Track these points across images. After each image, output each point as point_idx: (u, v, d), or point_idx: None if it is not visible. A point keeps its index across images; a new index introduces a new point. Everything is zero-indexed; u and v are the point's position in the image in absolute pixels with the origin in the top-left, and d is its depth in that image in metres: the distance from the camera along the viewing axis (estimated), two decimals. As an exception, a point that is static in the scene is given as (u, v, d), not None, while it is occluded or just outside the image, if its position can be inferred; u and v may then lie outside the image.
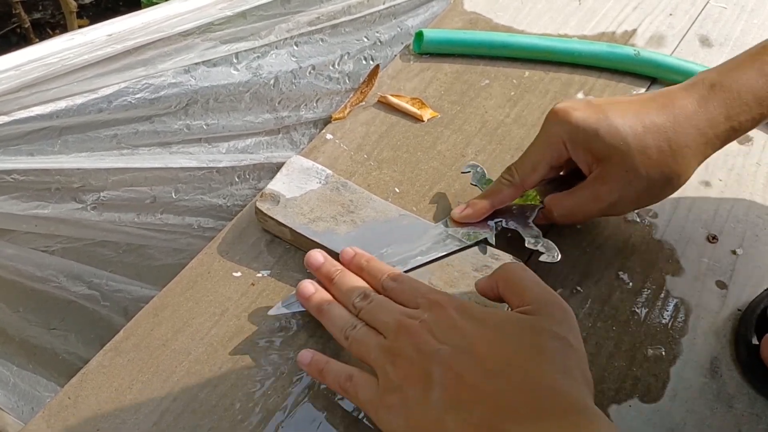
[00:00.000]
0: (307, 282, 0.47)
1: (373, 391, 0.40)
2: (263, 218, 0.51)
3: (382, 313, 0.43)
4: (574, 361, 0.37)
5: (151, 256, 0.63)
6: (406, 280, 0.45)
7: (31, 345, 0.59)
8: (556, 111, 0.48)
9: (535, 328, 0.38)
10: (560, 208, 0.50)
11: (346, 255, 0.48)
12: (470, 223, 0.51)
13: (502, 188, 0.50)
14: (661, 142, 0.46)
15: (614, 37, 0.69)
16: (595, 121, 0.46)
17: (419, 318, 0.41)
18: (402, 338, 0.40)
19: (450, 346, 0.38)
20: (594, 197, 0.48)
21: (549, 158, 0.49)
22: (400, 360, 0.39)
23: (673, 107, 0.46)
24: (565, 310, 0.40)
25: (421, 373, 0.38)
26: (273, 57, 0.61)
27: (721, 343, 0.48)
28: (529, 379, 0.36)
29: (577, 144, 0.47)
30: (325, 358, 0.44)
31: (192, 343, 0.47)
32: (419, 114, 0.61)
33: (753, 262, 0.52)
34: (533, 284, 0.41)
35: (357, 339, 0.42)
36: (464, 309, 0.41)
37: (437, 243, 0.50)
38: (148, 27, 0.52)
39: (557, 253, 0.48)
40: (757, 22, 0.71)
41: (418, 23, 0.70)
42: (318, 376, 0.43)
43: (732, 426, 0.45)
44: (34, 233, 0.53)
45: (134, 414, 0.44)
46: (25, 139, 0.49)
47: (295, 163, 0.54)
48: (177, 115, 0.57)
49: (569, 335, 0.38)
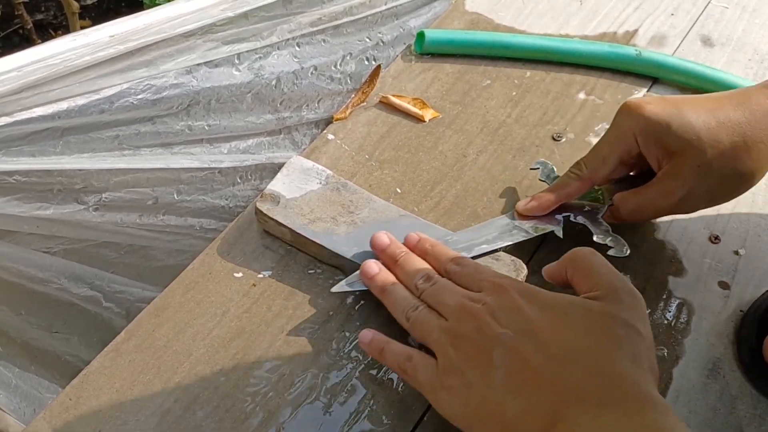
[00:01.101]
0: (372, 262, 0.46)
1: (433, 373, 0.40)
2: (263, 219, 0.51)
3: (444, 295, 0.42)
4: (642, 349, 0.37)
5: (153, 258, 0.63)
6: (470, 264, 0.45)
7: (33, 347, 0.60)
8: (628, 105, 0.48)
9: (603, 314, 0.37)
10: (629, 205, 0.49)
11: (411, 239, 0.48)
12: (536, 216, 0.51)
13: (570, 181, 0.50)
14: (735, 138, 0.45)
15: (616, 37, 0.69)
16: (668, 115, 0.46)
17: (482, 301, 0.40)
18: (464, 320, 0.40)
19: (513, 330, 0.38)
20: (664, 192, 0.47)
21: (619, 152, 0.48)
22: (461, 342, 0.39)
23: (749, 104, 0.46)
24: (635, 297, 0.39)
25: (483, 355, 0.38)
26: (275, 58, 0.61)
27: (724, 344, 0.48)
28: (596, 365, 0.36)
29: (649, 138, 0.47)
30: (386, 338, 0.43)
31: (193, 344, 0.47)
32: (421, 114, 0.61)
33: (755, 263, 0.52)
34: (604, 269, 0.40)
35: (419, 320, 0.42)
36: (529, 293, 0.40)
37: (504, 233, 0.50)
38: (150, 28, 0.52)
39: (626, 248, 0.48)
40: (758, 21, 0.71)
41: (420, 24, 0.70)
42: (378, 355, 0.43)
43: (734, 427, 0.44)
44: (36, 234, 0.53)
45: (135, 415, 0.44)
46: (27, 140, 0.49)
47: (295, 164, 0.54)
48: (179, 115, 0.57)
49: (638, 323, 0.37)
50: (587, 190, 0.50)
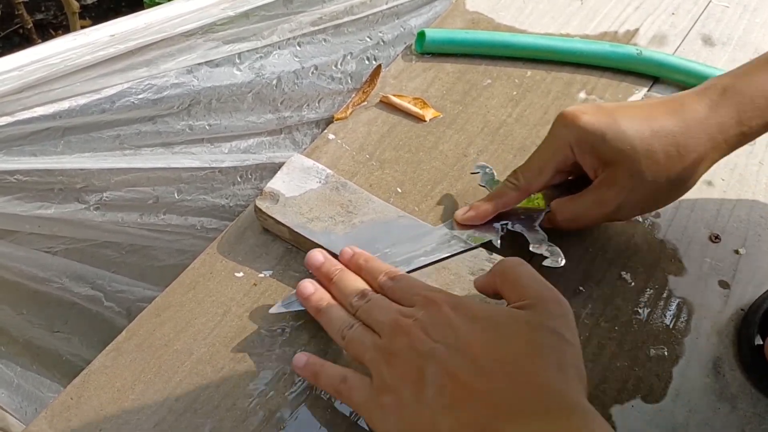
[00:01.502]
0: (307, 281, 0.47)
1: (367, 393, 0.40)
2: (262, 216, 0.51)
3: (377, 313, 0.42)
4: (569, 357, 0.37)
5: (154, 257, 0.63)
6: (404, 279, 0.45)
7: (34, 346, 0.60)
8: (564, 115, 0.48)
9: (530, 324, 0.38)
10: (565, 213, 0.49)
11: (345, 254, 0.48)
12: (475, 225, 0.51)
13: (507, 191, 0.50)
14: (668, 147, 0.45)
15: (616, 36, 0.69)
16: (603, 125, 0.46)
17: (414, 317, 0.40)
18: (397, 337, 0.40)
19: (444, 345, 0.38)
20: (599, 201, 0.48)
21: (555, 162, 0.48)
22: (394, 359, 0.39)
23: (684, 112, 0.46)
24: (561, 305, 0.39)
25: (415, 372, 0.38)
26: (276, 57, 0.61)
27: (724, 343, 0.48)
28: (522, 376, 0.36)
29: (584, 148, 0.47)
30: (321, 360, 0.43)
31: (194, 343, 0.47)
32: (421, 114, 0.61)
33: (756, 262, 0.52)
34: (530, 279, 0.41)
35: (353, 338, 0.42)
36: (459, 306, 0.40)
37: (442, 244, 0.50)
38: (150, 27, 0.52)
39: (561, 258, 0.48)
40: (759, 21, 0.71)
41: (421, 23, 0.70)
42: (313, 379, 0.43)
43: (735, 426, 0.44)
44: (37, 234, 0.53)
45: (137, 414, 0.44)
46: (28, 140, 0.49)
47: (295, 162, 0.54)
48: (180, 115, 0.57)
49: (565, 331, 0.38)
50: (524, 199, 0.51)
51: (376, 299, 0.44)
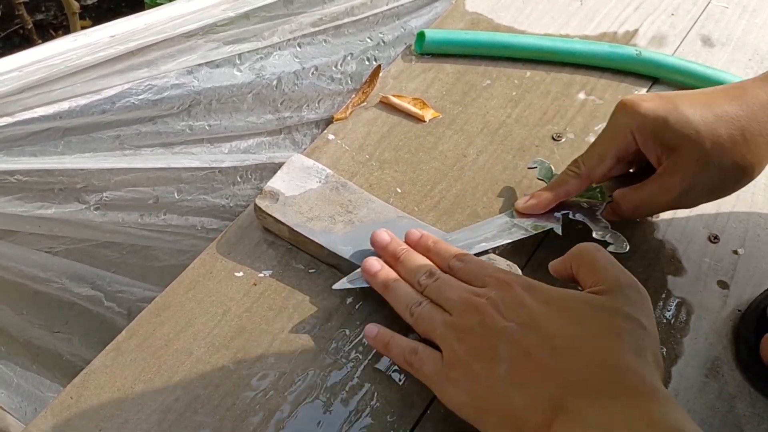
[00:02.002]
0: (373, 259, 0.47)
1: (439, 366, 0.40)
2: (262, 215, 0.52)
3: (448, 291, 0.43)
4: (647, 342, 0.37)
5: (154, 257, 0.64)
6: (473, 260, 0.45)
7: (34, 346, 0.60)
8: (624, 102, 0.48)
9: (606, 309, 0.38)
10: (629, 201, 0.49)
11: (412, 236, 0.48)
12: (535, 214, 0.51)
13: (568, 179, 0.50)
14: (733, 131, 0.45)
15: (616, 37, 0.69)
16: (665, 111, 0.46)
17: (486, 295, 0.40)
18: (468, 315, 0.40)
19: (517, 323, 0.38)
20: (664, 188, 0.47)
21: (616, 149, 0.48)
22: (466, 335, 0.39)
23: (746, 97, 0.46)
24: (640, 293, 0.39)
25: (488, 348, 0.38)
26: (276, 58, 0.61)
27: (723, 343, 0.48)
28: (599, 357, 0.36)
29: (647, 134, 0.47)
30: (391, 332, 0.44)
31: (194, 343, 0.47)
32: (421, 114, 0.61)
33: (754, 262, 0.52)
34: (608, 264, 0.40)
35: (423, 315, 0.42)
36: (533, 287, 0.40)
37: (503, 231, 0.50)
38: (151, 28, 0.52)
39: (626, 244, 0.48)
40: (758, 21, 0.71)
41: (421, 24, 0.70)
42: (383, 349, 0.44)
43: (733, 426, 0.45)
44: (38, 234, 0.53)
45: (137, 413, 0.44)
46: (29, 140, 0.49)
47: (295, 162, 0.54)
48: (180, 116, 0.57)
49: (642, 317, 0.38)
50: (585, 188, 0.51)
51: (445, 278, 0.44)
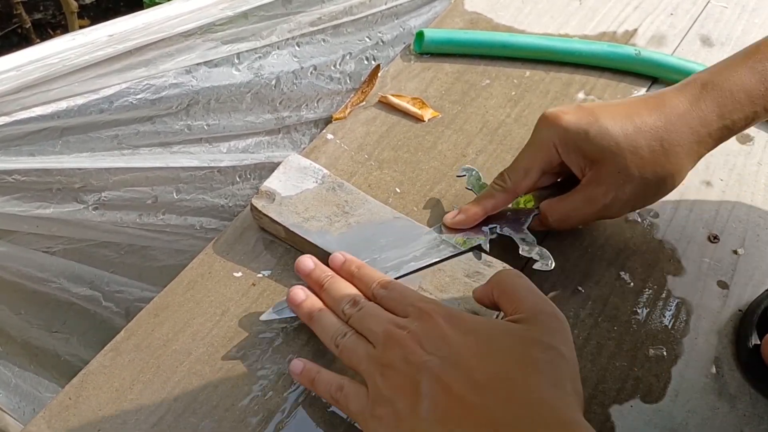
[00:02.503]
0: (298, 288, 0.46)
1: (364, 402, 0.40)
2: (258, 215, 0.51)
3: (371, 322, 0.42)
4: (565, 372, 0.37)
5: (153, 257, 0.63)
6: (397, 288, 0.45)
7: (32, 346, 0.60)
8: (546, 116, 0.48)
9: (525, 339, 0.38)
10: (554, 213, 0.49)
11: (336, 260, 0.47)
12: (464, 228, 0.51)
13: (495, 194, 0.50)
14: (652, 142, 0.45)
15: (615, 36, 0.69)
16: (586, 124, 0.46)
17: (408, 328, 0.40)
18: (391, 349, 0.40)
19: (438, 357, 0.38)
20: (587, 200, 0.48)
21: (541, 163, 0.49)
22: (389, 371, 0.39)
23: (665, 107, 0.46)
24: (558, 320, 0.39)
25: (410, 384, 0.38)
26: (274, 57, 0.61)
27: (723, 344, 0.48)
28: (517, 391, 0.36)
29: (569, 147, 0.47)
30: (317, 367, 0.43)
31: (193, 344, 0.47)
32: (420, 114, 0.61)
33: (754, 262, 0.52)
34: (527, 292, 0.40)
35: (347, 347, 0.42)
36: (453, 318, 0.40)
37: (431, 248, 0.50)
38: (149, 27, 0.52)
39: (551, 261, 0.48)
40: (758, 21, 0.71)
41: (420, 23, 0.70)
42: (309, 385, 0.43)
43: (734, 426, 0.44)
44: (36, 234, 0.53)
45: (135, 414, 0.44)
46: (27, 140, 0.49)
47: (292, 162, 0.54)
48: (178, 115, 0.57)
49: (562, 346, 0.38)
50: (512, 201, 0.50)
51: (368, 307, 0.44)
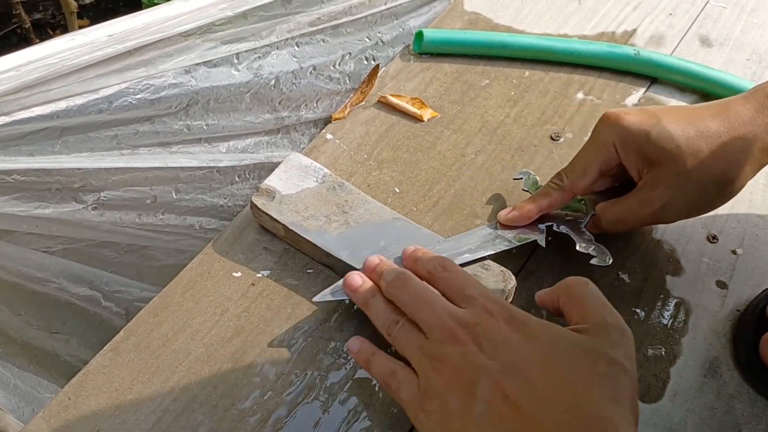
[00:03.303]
0: (356, 273, 0.46)
1: (414, 393, 0.39)
2: (258, 213, 0.52)
3: (424, 311, 0.41)
4: (626, 388, 0.36)
5: (152, 257, 0.63)
6: (459, 272, 0.44)
7: (32, 347, 0.60)
8: (608, 116, 0.48)
9: (590, 351, 0.37)
10: (609, 214, 0.49)
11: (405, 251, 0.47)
12: (519, 226, 0.50)
13: (551, 192, 0.50)
14: (714, 148, 0.45)
15: (614, 36, 0.69)
16: (648, 126, 0.46)
17: (468, 325, 0.39)
18: (447, 344, 0.39)
19: (498, 362, 0.37)
20: (644, 202, 0.47)
21: (599, 162, 0.48)
22: (443, 366, 0.38)
23: (729, 113, 0.46)
24: (624, 333, 0.38)
25: (466, 384, 0.37)
26: (274, 57, 0.61)
27: (722, 343, 0.48)
28: (577, 405, 0.35)
29: (629, 147, 0.47)
30: (373, 348, 0.43)
31: (192, 343, 0.47)
32: (419, 114, 0.61)
33: (753, 262, 0.52)
34: (596, 302, 0.39)
35: (399, 337, 0.42)
36: (517, 321, 0.39)
37: (486, 242, 0.50)
38: (148, 27, 0.52)
39: (609, 258, 0.48)
40: (757, 21, 0.71)
41: (420, 23, 0.70)
42: (365, 365, 0.43)
43: (732, 426, 0.45)
44: (35, 234, 0.53)
45: (134, 414, 0.44)
46: (26, 140, 0.49)
47: (293, 161, 0.54)
48: (177, 115, 0.57)
49: (625, 361, 0.37)
50: (569, 201, 0.50)
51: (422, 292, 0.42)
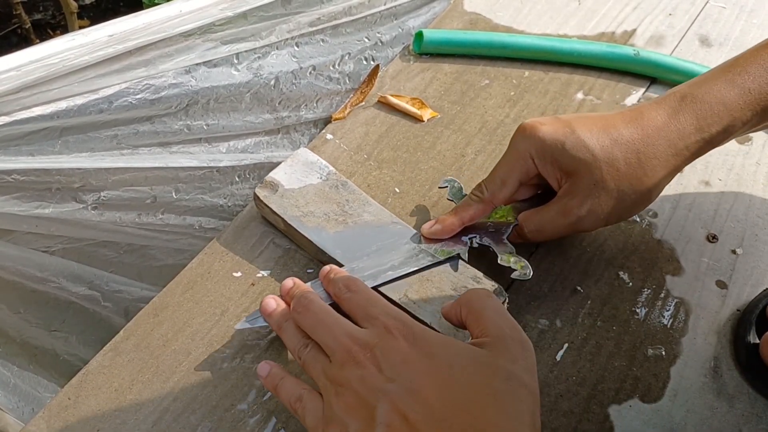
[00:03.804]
0: (270, 297, 0.45)
1: (318, 417, 0.39)
2: (260, 205, 0.52)
3: (325, 334, 0.41)
4: (525, 403, 0.36)
5: (152, 257, 0.63)
6: (362, 292, 0.43)
7: (31, 346, 0.60)
8: (523, 127, 0.48)
9: (488, 366, 0.37)
10: (530, 224, 0.49)
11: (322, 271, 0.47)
12: (442, 239, 0.50)
13: (472, 204, 0.50)
14: (629, 155, 0.45)
15: (614, 37, 0.69)
16: (562, 135, 0.46)
17: (367, 345, 0.39)
18: (347, 367, 0.38)
19: (397, 384, 0.37)
20: (563, 212, 0.47)
21: (517, 174, 0.48)
22: (344, 390, 0.38)
23: (642, 120, 0.46)
24: (523, 346, 0.38)
25: (365, 408, 0.37)
26: (274, 57, 0.61)
27: (722, 343, 0.48)
28: (474, 424, 0.35)
29: (545, 159, 0.47)
30: (282, 373, 0.43)
31: (192, 343, 0.47)
32: (419, 114, 0.61)
33: (753, 262, 0.52)
34: (495, 315, 0.39)
35: (306, 361, 0.41)
36: (417, 339, 0.39)
37: (410, 258, 0.49)
38: (148, 27, 0.52)
39: (529, 271, 0.48)
40: (756, 21, 0.71)
41: (419, 24, 0.70)
42: (273, 391, 0.43)
43: (732, 426, 0.45)
44: (35, 233, 0.53)
45: (134, 414, 0.44)
46: (26, 140, 0.49)
47: (300, 156, 0.54)
48: (177, 115, 0.57)
49: (524, 374, 0.37)
50: (489, 212, 0.50)
51: (323, 315, 0.42)
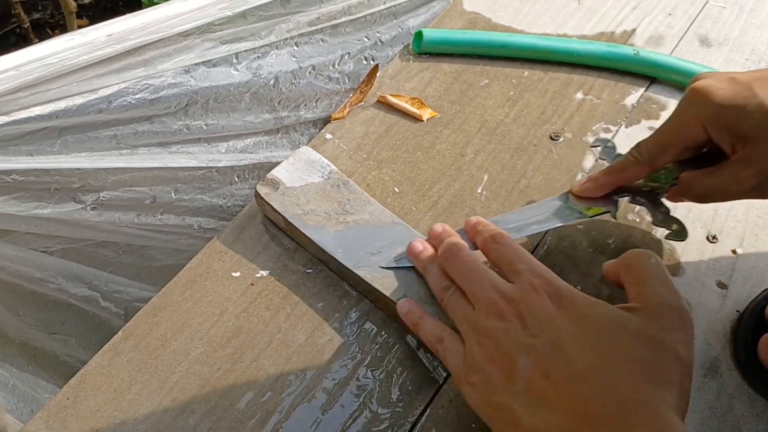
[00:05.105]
0: (417, 240, 0.47)
1: (460, 363, 0.39)
2: (261, 202, 0.52)
3: (472, 283, 0.41)
4: (674, 375, 0.34)
5: (151, 257, 0.63)
6: (509, 245, 0.43)
7: (31, 347, 0.60)
8: (696, 90, 0.44)
9: (639, 335, 0.35)
10: (698, 187, 0.46)
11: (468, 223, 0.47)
12: (592, 197, 0.48)
13: (628, 165, 0.47)
14: None
15: (613, 36, 0.69)
16: (742, 99, 0.42)
17: (513, 300, 0.39)
18: (491, 319, 0.39)
19: (541, 340, 0.36)
20: (737, 179, 0.44)
21: (683, 141, 0.45)
22: (486, 341, 0.38)
23: None
24: (681, 316, 0.36)
25: (507, 359, 0.37)
26: (273, 57, 0.61)
27: (721, 343, 0.48)
28: (615, 388, 0.34)
29: (721, 126, 0.43)
30: (421, 312, 0.44)
31: (191, 344, 0.47)
32: (419, 114, 0.61)
33: (753, 262, 0.52)
34: (654, 278, 0.38)
35: (450, 304, 0.42)
36: (564, 300, 0.38)
37: (556, 214, 0.48)
38: (148, 27, 0.52)
39: (686, 232, 0.46)
40: (756, 21, 0.71)
41: (419, 23, 0.70)
42: (413, 328, 0.44)
43: (732, 426, 0.44)
44: (34, 234, 0.53)
45: (133, 414, 0.44)
46: (25, 140, 0.49)
47: (302, 154, 0.54)
48: (177, 115, 0.57)
49: (678, 345, 0.35)
50: (645, 176, 0.47)
51: (470, 263, 0.42)
